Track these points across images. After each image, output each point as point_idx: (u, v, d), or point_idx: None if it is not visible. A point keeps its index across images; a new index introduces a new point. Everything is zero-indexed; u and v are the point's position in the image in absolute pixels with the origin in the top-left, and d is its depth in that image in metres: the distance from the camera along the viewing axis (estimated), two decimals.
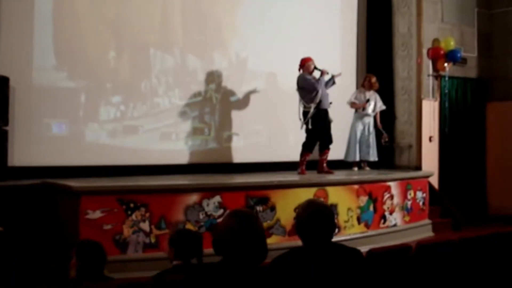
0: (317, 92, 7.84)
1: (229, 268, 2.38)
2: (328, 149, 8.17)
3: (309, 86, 7.88)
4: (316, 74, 8.07)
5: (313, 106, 7.87)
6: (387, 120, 9.32)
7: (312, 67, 7.99)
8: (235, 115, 8.53)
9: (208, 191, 6.30)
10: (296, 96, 8.08)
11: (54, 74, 7.22)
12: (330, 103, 8.05)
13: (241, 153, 8.54)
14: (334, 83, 8.19)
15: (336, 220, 5.83)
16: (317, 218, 2.74)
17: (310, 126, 7.89)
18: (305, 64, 8.00)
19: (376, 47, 9.82)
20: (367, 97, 8.91)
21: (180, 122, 8.10)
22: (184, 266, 3.20)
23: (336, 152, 8.55)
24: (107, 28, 7.64)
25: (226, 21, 8.57)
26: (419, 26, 9.36)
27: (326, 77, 8.04)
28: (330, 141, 8.12)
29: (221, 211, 6.31)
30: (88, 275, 3.20)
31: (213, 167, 8.11)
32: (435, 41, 9.50)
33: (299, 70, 8.04)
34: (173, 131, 8.06)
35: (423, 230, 8.39)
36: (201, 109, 8.28)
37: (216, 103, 8.41)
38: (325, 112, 8.01)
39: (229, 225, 2.42)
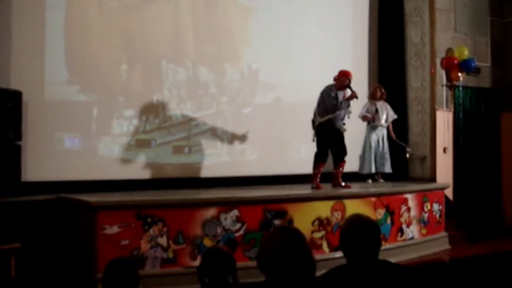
0: (333, 113, 7.47)
1: (276, 286, 2.26)
2: (343, 161, 7.75)
3: (328, 104, 7.47)
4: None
5: (319, 120, 7.56)
6: (400, 131, 9.20)
7: (346, 84, 7.49)
8: (248, 127, 8.41)
9: (226, 205, 6.19)
10: (309, 107, 7.88)
11: (66, 88, 7.14)
12: (344, 124, 7.67)
13: (254, 166, 8.42)
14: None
15: None
16: (362, 233, 2.60)
17: (313, 139, 7.64)
18: (340, 78, 7.50)
19: (388, 57, 9.72)
20: (378, 107, 8.82)
21: (192, 135, 8.01)
22: (217, 285, 3.05)
23: (348, 164, 8.35)
24: (119, 41, 7.56)
25: (237, 33, 8.50)
26: (433, 36, 9.26)
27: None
28: (344, 153, 7.70)
29: (239, 225, 6.21)
30: None
31: (226, 180, 7.99)
32: (449, 50, 9.40)
33: (334, 79, 7.57)
34: (185, 145, 7.97)
35: (440, 243, 8.27)
36: (213, 122, 8.19)
37: (229, 115, 8.32)
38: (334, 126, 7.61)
39: (276, 241, 2.30)
